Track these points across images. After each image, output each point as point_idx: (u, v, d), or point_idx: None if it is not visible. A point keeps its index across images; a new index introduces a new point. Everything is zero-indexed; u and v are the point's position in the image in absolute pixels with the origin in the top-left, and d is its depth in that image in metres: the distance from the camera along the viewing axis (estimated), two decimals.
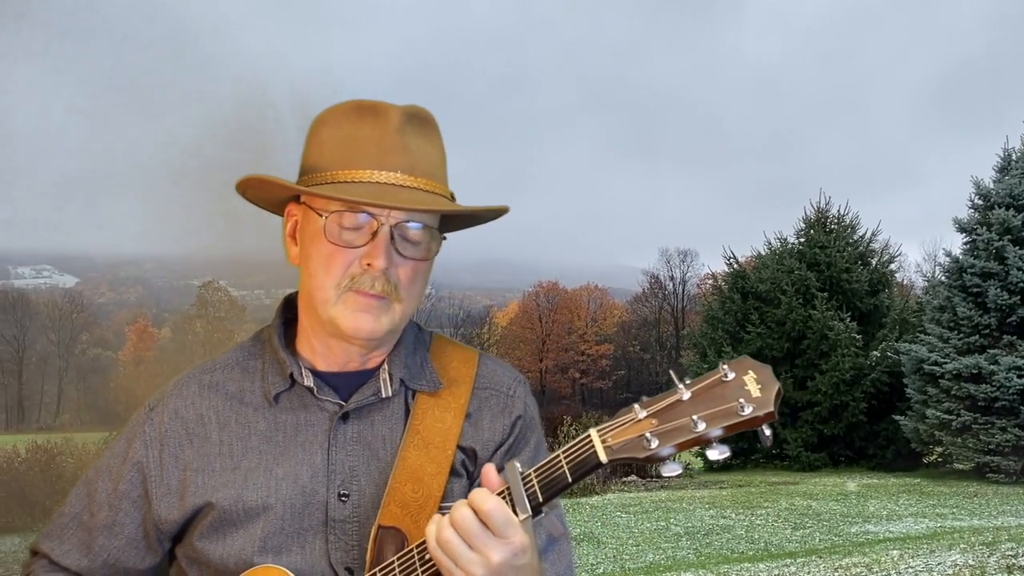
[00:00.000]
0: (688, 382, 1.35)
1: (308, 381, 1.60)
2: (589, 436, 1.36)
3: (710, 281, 36.29)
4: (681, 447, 1.32)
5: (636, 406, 1.36)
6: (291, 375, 1.61)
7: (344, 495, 1.57)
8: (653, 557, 10.55)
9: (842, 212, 27.10)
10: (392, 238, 1.53)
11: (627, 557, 10.57)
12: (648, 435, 1.32)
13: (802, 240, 26.75)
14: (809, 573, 8.84)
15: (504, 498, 1.38)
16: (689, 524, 12.93)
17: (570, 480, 1.35)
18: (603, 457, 1.34)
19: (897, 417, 21.18)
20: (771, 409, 1.29)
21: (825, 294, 24.94)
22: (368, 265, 1.52)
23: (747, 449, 24.91)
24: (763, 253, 27.61)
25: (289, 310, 1.70)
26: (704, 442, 1.32)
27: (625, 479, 18.95)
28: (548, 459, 1.38)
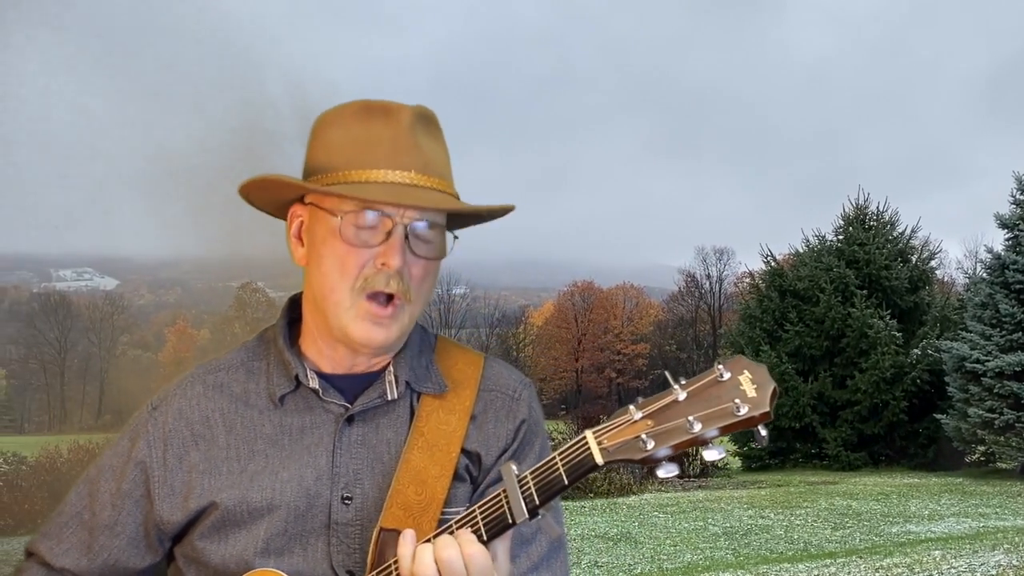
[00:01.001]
0: (684, 382, 1.34)
1: (313, 383, 1.60)
2: (585, 438, 1.35)
3: (747, 279, 36.05)
4: (677, 448, 1.31)
5: (632, 407, 1.35)
6: (296, 377, 1.61)
7: (347, 498, 1.56)
8: (691, 557, 10.49)
9: (881, 209, 26.83)
10: (406, 237, 1.53)
11: (664, 557, 10.52)
12: (644, 436, 1.31)
13: (841, 237, 26.50)
14: (849, 574, 8.76)
15: (501, 501, 1.38)
16: (727, 524, 12.85)
17: (566, 483, 1.35)
18: (599, 459, 1.33)
19: (938, 416, 20.94)
20: (767, 409, 1.28)
21: (864, 292, 24.69)
22: (383, 264, 1.52)
23: (786, 449, 24.74)
24: (801, 251, 27.38)
25: (294, 310, 1.70)
26: (700, 443, 1.31)
27: (662, 479, 18.89)
28: (544, 461, 1.37)
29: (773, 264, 27.56)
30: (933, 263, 27.66)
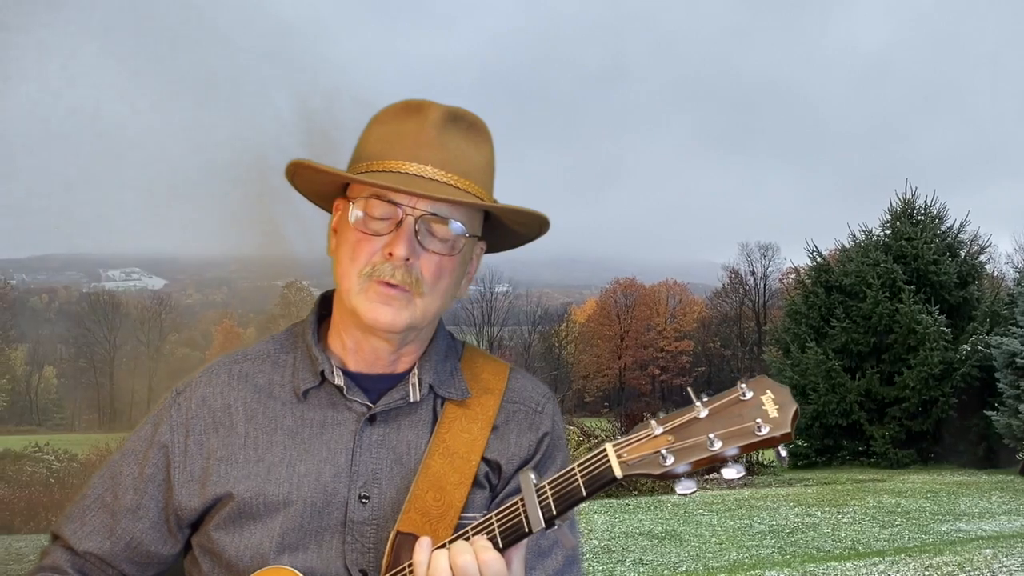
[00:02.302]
0: (705, 399, 1.35)
1: (339, 380, 1.61)
2: (604, 451, 1.36)
3: (793, 275, 35.70)
4: (696, 465, 1.32)
5: (653, 422, 1.36)
6: (322, 373, 1.62)
7: (365, 497, 1.57)
8: (737, 555, 10.42)
9: (929, 203, 26.41)
10: (417, 230, 1.54)
11: (710, 555, 10.46)
12: (664, 452, 1.32)
13: (888, 232, 26.15)
14: (898, 572, 8.65)
15: (518, 509, 1.39)
16: (773, 522, 12.74)
17: (584, 494, 1.35)
18: (618, 472, 1.34)
19: (988, 413, 20.58)
20: (788, 430, 1.29)
21: (912, 287, 24.33)
22: (389, 254, 1.53)
23: (832, 446, 24.48)
24: (847, 246, 27.06)
25: (324, 306, 1.72)
26: (720, 460, 1.32)
27: (707, 477, 18.73)
28: (563, 472, 1.38)
29: (819, 260, 27.26)
30: (983, 257, 27.20)
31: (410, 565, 1.45)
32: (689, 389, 1.38)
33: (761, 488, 17.91)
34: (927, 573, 8.53)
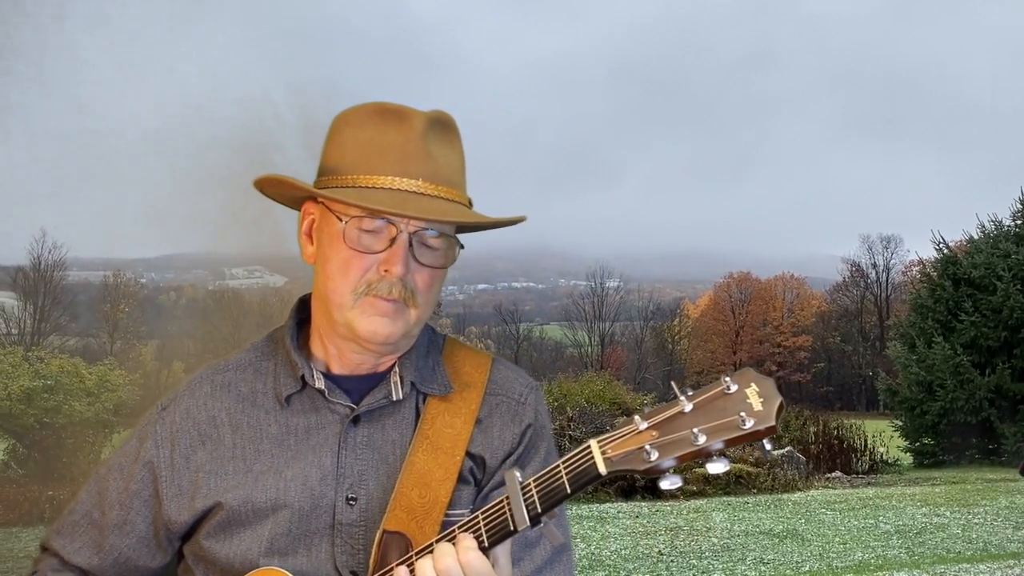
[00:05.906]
0: (690, 393, 1.33)
1: (319, 384, 1.62)
2: (589, 447, 1.35)
3: (917, 268, 34.56)
4: (681, 460, 1.31)
5: (637, 417, 1.34)
6: (302, 377, 1.62)
7: (352, 499, 1.57)
8: (862, 555, 10.16)
9: None
10: (411, 245, 1.54)
11: (834, 555, 10.22)
12: (648, 447, 1.31)
13: (1018, 222, 25.10)
14: None
15: (503, 508, 1.38)
16: (900, 522, 12.38)
17: (569, 491, 1.35)
18: (602, 469, 1.33)
19: None
20: (772, 423, 1.27)
21: None
22: (386, 271, 1.54)
23: (961, 445, 23.64)
24: (976, 237, 26.06)
25: (303, 311, 1.72)
26: (705, 455, 1.30)
27: (829, 475, 18.30)
28: (548, 469, 1.37)
29: (946, 251, 26.32)
30: None
31: (400, 563, 1.46)
32: (673, 383, 1.36)
33: (885, 487, 17.41)
34: None
